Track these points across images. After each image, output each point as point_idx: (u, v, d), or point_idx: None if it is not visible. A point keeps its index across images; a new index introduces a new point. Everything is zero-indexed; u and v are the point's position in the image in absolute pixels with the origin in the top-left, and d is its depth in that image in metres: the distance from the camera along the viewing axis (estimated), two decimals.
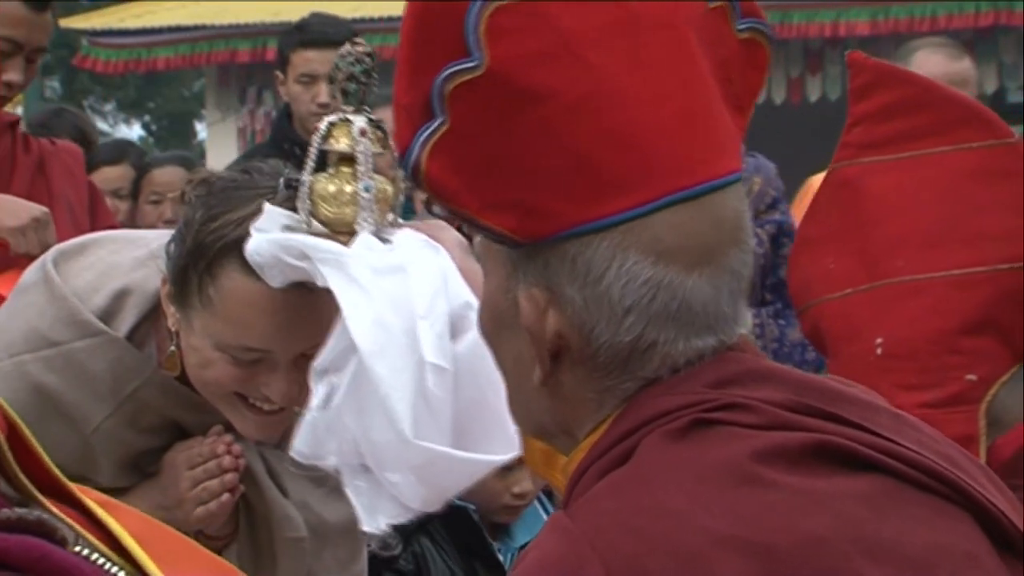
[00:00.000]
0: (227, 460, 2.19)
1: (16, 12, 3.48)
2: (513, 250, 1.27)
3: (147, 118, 26.16)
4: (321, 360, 1.88)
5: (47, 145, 3.78)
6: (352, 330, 1.82)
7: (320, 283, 1.86)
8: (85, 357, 2.14)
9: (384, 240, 1.90)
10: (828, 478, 1.21)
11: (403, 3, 1.28)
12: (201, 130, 22.85)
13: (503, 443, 1.83)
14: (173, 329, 2.13)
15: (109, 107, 25.36)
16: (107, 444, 2.18)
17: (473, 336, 1.77)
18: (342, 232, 1.91)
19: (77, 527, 1.12)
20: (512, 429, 1.45)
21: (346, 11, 10.96)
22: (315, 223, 1.91)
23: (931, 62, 4.23)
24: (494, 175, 1.24)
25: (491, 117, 1.23)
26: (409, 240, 1.92)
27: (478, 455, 1.85)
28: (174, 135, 25.20)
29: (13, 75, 3.50)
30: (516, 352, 1.30)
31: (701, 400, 1.24)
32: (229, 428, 2.20)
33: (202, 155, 16.46)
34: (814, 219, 3.11)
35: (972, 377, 2.87)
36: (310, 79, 4.86)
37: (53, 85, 22.75)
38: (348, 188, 1.91)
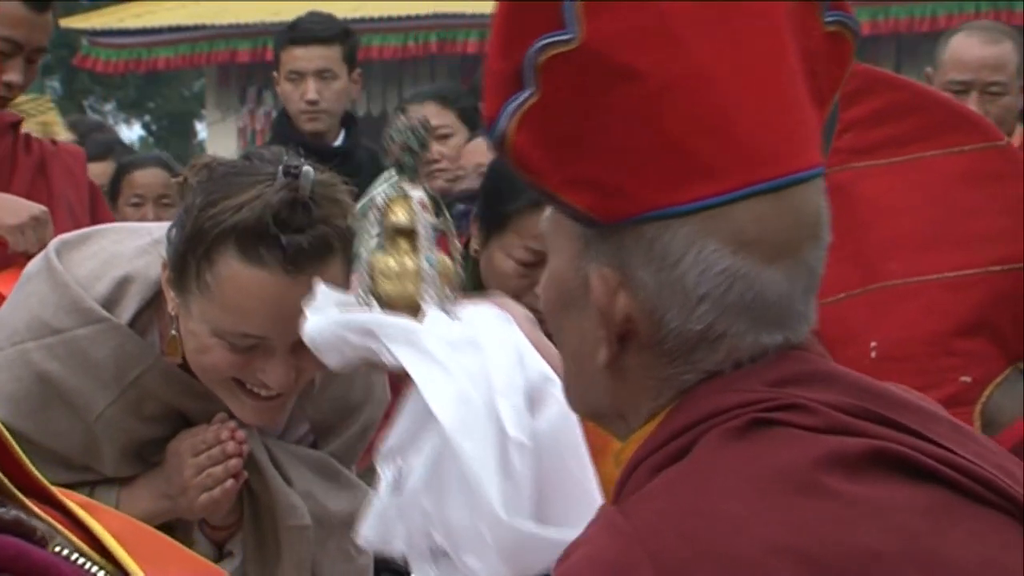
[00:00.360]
0: (231, 446, 2.19)
1: (16, 12, 3.49)
2: (587, 228, 1.25)
3: (147, 118, 26.15)
4: (388, 444, 1.81)
5: (48, 146, 3.78)
6: (434, 407, 1.75)
7: (388, 362, 1.79)
8: (88, 344, 2.15)
9: (451, 315, 1.84)
10: (886, 487, 1.19)
11: (404, 3, 1.28)
12: (201, 130, 22.83)
13: (587, 518, 1.78)
14: (173, 314, 2.13)
15: (109, 107, 25.33)
16: (110, 432, 2.18)
17: (553, 411, 1.73)
18: (404, 308, 1.85)
19: (59, 527, 1.11)
20: (597, 503, 1.40)
21: (347, 11, 10.96)
22: (374, 302, 1.85)
23: (964, 46, 4.19)
24: (579, 151, 1.22)
25: (582, 92, 1.21)
26: (479, 313, 1.86)
27: (567, 534, 1.81)
28: (174, 135, 25.18)
29: (13, 75, 3.51)
30: (580, 331, 1.28)
31: (760, 399, 1.22)
32: (233, 416, 2.20)
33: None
34: None
35: (967, 379, 2.88)
36: (298, 76, 4.87)
37: (53, 85, 22.75)
38: (409, 263, 1.85)
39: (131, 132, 24.47)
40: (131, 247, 2.23)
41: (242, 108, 14.43)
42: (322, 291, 1.88)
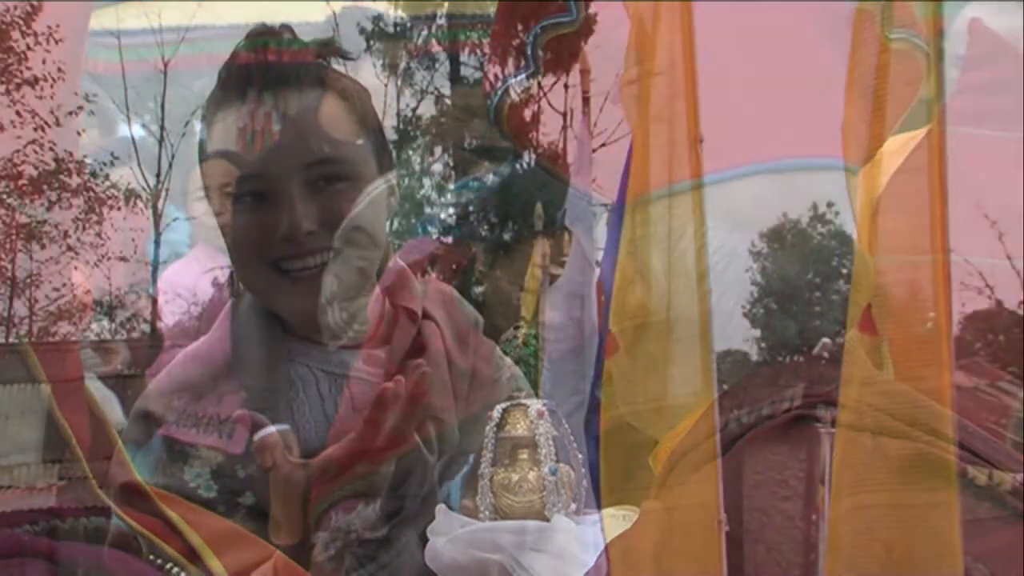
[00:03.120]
0: None
1: None
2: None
3: (147, 118, 26.15)
4: None
5: None
6: None
7: None
8: None
9: (578, 522, 1.78)
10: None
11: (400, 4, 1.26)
12: (201, 130, 22.81)
13: None
14: None
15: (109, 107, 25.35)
16: None
17: None
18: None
19: (154, 538, 1.11)
20: None
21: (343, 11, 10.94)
22: (499, 518, 1.80)
23: None
24: None
25: None
26: (607, 518, 1.81)
27: None
28: (174, 135, 25.17)
29: None
30: None
31: (800, 394, 1.22)
32: None
33: None
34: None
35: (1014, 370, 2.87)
36: None
37: None
38: (531, 475, 1.80)
39: (131, 132, 24.45)
40: None
41: (242, 108, 14.44)
42: (444, 513, 1.83)
